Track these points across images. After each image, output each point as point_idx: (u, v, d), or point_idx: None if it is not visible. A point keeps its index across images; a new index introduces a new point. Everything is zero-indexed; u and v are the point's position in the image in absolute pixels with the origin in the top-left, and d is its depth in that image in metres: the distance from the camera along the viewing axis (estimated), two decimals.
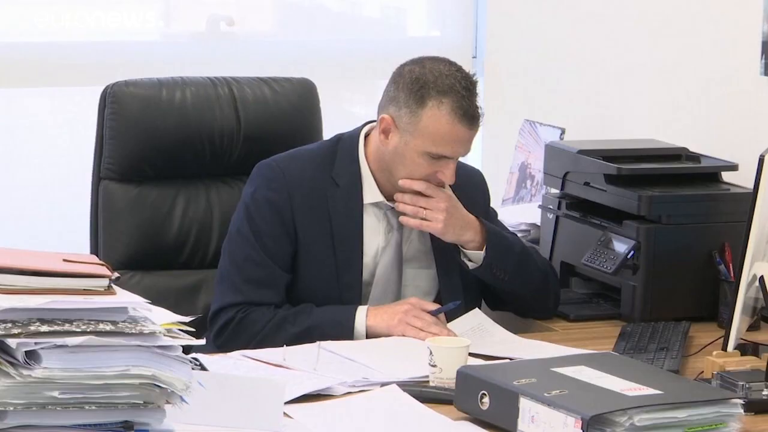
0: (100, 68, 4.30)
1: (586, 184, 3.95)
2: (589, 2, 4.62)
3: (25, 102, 4.78)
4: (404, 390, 3.06)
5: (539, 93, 4.80)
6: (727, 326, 3.45)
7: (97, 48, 4.77)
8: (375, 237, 3.62)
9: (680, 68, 4.29)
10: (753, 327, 3.58)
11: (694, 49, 4.24)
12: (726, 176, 3.93)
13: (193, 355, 2.64)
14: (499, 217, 3.85)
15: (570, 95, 4.68)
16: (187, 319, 2.54)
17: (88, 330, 2.43)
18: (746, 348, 3.44)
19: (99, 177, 3.92)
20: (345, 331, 3.45)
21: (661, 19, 4.35)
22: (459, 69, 3.55)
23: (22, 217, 4.67)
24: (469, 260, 3.62)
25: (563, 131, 4.47)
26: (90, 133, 3.94)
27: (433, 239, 3.61)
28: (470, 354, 3.16)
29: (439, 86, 3.48)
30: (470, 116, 3.49)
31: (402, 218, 3.57)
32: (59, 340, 2.41)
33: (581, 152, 3.99)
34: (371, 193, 3.60)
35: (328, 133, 3.93)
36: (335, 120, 4.04)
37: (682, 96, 4.28)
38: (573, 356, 3.15)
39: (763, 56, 3.96)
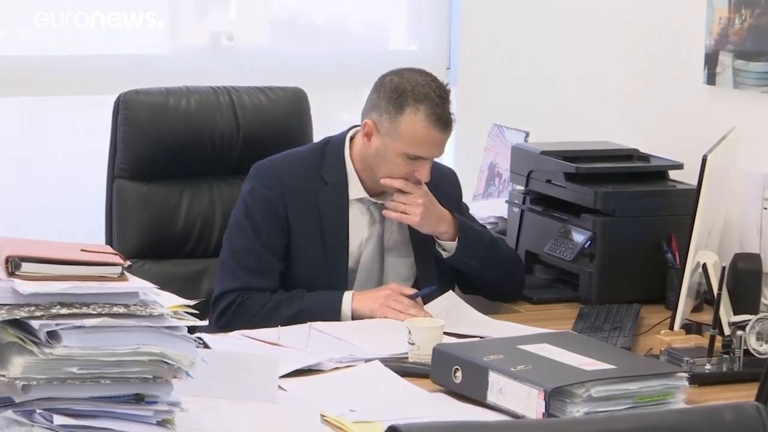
0: (114, 78, 4.29)
1: (548, 181, 3.96)
2: (550, 21, 4.63)
3: (47, 108, 4.77)
4: (386, 365, 3.08)
5: (506, 100, 4.81)
6: (673, 308, 3.47)
7: (111, 60, 4.77)
8: (359, 229, 3.62)
9: (632, 77, 4.29)
10: (696, 309, 3.59)
11: (644, 60, 4.24)
12: (673, 174, 3.95)
13: (198, 334, 2.65)
14: (470, 211, 3.86)
15: (533, 102, 4.68)
16: (192, 302, 2.54)
17: (103, 312, 2.43)
18: (690, 327, 3.46)
19: (113, 176, 3.93)
20: (333, 314, 3.46)
21: (614, 35, 4.36)
22: (434, 79, 3.56)
23: (44, 212, 4.67)
24: (444, 250, 3.63)
25: (527, 134, 4.48)
26: (105, 136, 3.94)
27: (412, 231, 3.62)
28: (445, 333, 3.16)
29: (415, 94, 3.49)
30: (443, 121, 3.50)
31: (384, 212, 3.59)
32: (77, 322, 2.41)
33: (543, 153, 4.01)
34: (356, 189, 3.61)
35: (317, 136, 3.94)
36: (324, 125, 4.04)
37: (634, 102, 4.29)
38: (536, 335, 3.16)
39: (706, 67, 3.97)
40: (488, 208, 4.35)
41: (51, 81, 4.71)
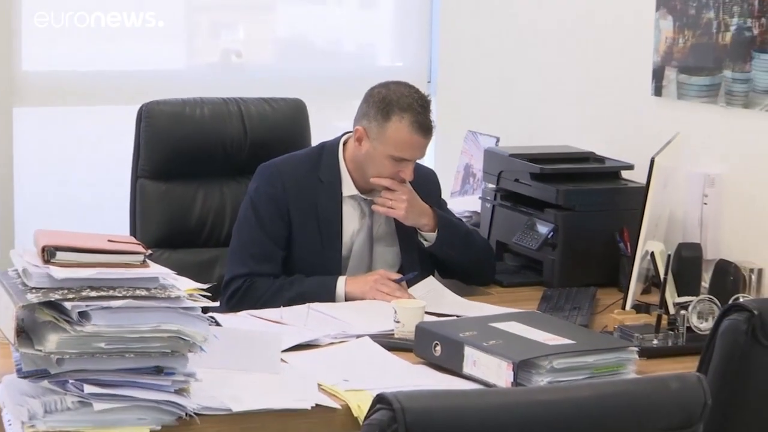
0: (137, 91, 4.29)
1: (516, 180, 3.95)
2: (519, 41, 4.62)
3: (79, 117, 4.76)
4: (374, 341, 3.07)
5: (480, 109, 4.80)
6: (625, 290, 3.47)
7: (135, 75, 4.76)
8: (351, 222, 3.61)
9: (589, 90, 4.29)
10: (645, 291, 3.58)
11: (600, 75, 4.24)
12: (624, 174, 3.94)
13: (210, 314, 2.63)
14: (448, 206, 3.85)
15: (503, 111, 4.68)
16: (205, 286, 2.54)
17: (128, 295, 2.43)
18: (640, 307, 3.45)
19: (136, 176, 3.92)
20: (328, 296, 3.44)
21: (574, 53, 4.36)
22: (416, 91, 3.55)
23: (77, 207, 4.67)
24: (425, 240, 3.62)
25: (498, 139, 4.47)
26: (129, 141, 3.93)
27: (397, 223, 3.61)
28: (426, 313, 3.15)
29: (400, 104, 3.48)
30: (425, 128, 3.50)
31: (373, 207, 3.58)
32: (105, 303, 2.41)
33: (512, 155, 4.00)
34: (348, 187, 3.59)
35: (315, 140, 3.93)
36: (320, 131, 4.03)
37: (590, 111, 4.28)
38: (506, 314, 3.15)
39: (654, 81, 3.96)
40: (464, 203, 4.34)
41: (83, 93, 4.71)
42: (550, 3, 4.46)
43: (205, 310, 2.51)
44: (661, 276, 3.32)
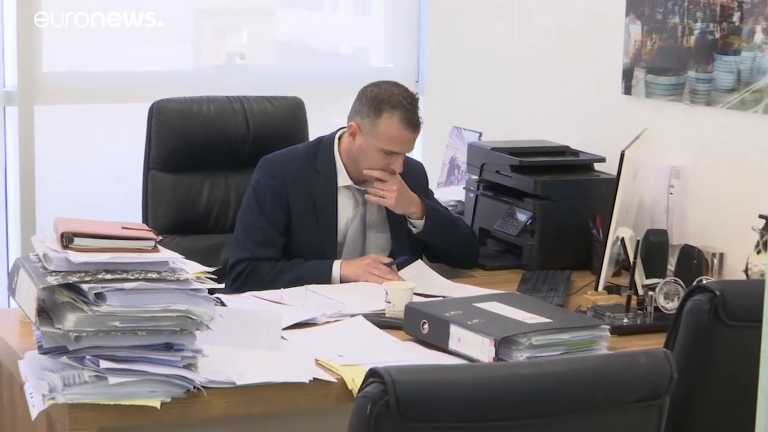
0: (149, 90, 4.27)
1: (497, 172, 3.95)
2: (500, 44, 4.61)
3: (95, 113, 4.74)
4: (367, 319, 3.07)
5: (464, 107, 4.80)
6: (597, 273, 3.48)
7: (146, 75, 4.75)
8: (346, 210, 3.61)
9: (565, 89, 4.28)
10: (616, 274, 3.58)
11: (575, 75, 4.23)
12: (597, 166, 3.94)
13: (216, 295, 2.63)
14: (435, 196, 3.85)
15: (486, 108, 4.67)
16: (211, 269, 2.54)
17: (140, 277, 2.43)
18: (611, 289, 3.45)
19: (148, 168, 3.91)
20: (325, 279, 3.44)
21: (552, 56, 4.35)
22: (406, 90, 3.55)
23: (93, 197, 4.65)
24: (414, 227, 3.62)
25: (481, 134, 4.46)
26: (141, 136, 3.92)
27: (388, 211, 3.61)
28: (414, 293, 3.15)
29: (391, 102, 3.48)
30: (413, 124, 3.50)
31: (366, 196, 3.58)
32: (119, 285, 2.41)
33: (494, 149, 3.99)
34: (343, 178, 3.59)
35: (312, 135, 3.93)
36: (317, 126, 4.02)
37: (566, 108, 4.28)
38: (488, 295, 3.14)
39: (623, 80, 3.96)
40: (449, 193, 4.34)
41: (101, 91, 4.69)
42: (529, 10, 4.45)
43: (211, 291, 2.51)
44: (631, 260, 3.33)
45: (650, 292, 3.17)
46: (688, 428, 2.45)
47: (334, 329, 3.02)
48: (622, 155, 3.42)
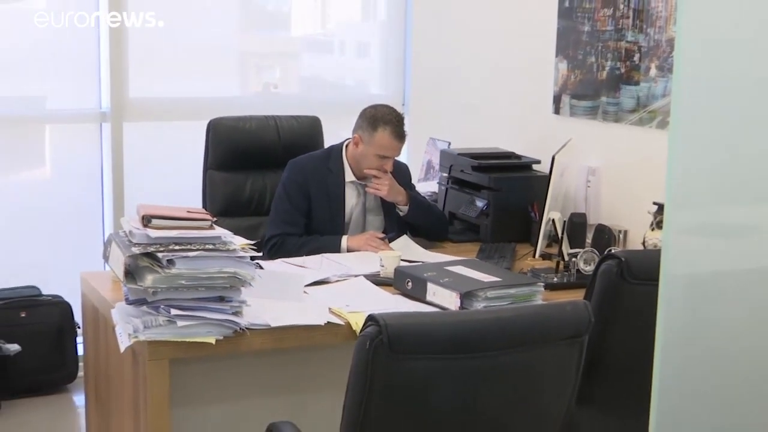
0: (208, 110, 4.24)
1: (461, 171, 3.93)
2: (466, 75, 4.60)
3: (168, 128, 4.72)
4: (367, 279, 3.05)
5: (437, 123, 4.77)
6: (534, 245, 3.47)
7: (206, 100, 4.72)
8: (351, 199, 3.58)
9: (512, 109, 4.27)
10: (548, 245, 3.57)
11: (519, 99, 4.22)
12: (535, 167, 3.91)
13: (256, 261, 2.61)
14: (416, 188, 3.83)
15: (454, 124, 4.65)
16: (252, 242, 2.53)
17: (200, 248, 2.42)
18: (545, 256, 3.46)
19: (207, 168, 3.88)
20: (335, 249, 3.41)
21: (502, 84, 4.34)
22: (395, 110, 3.53)
23: (166, 189, 4.63)
24: (401, 211, 3.60)
25: (449, 143, 4.44)
26: (201, 145, 3.90)
27: (382, 200, 3.58)
28: (401, 260, 3.14)
29: (384, 119, 3.46)
30: (401, 136, 3.48)
31: (366, 188, 3.56)
32: (184, 254, 2.40)
33: (459, 154, 3.97)
34: (349, 175, 3.56)
35: (326, 144, 3.90)
36: (330, 138, 4.00)
37: (513, 124, 4.26)
38: (455, 261, 3.14)
39: (554, 103, 3.94)
40: (427, 186, 4.32)
41: (171, 112, 4.67)
42: (487, 52, 4.43)
43: (252, 258, 2.50)
44: (559, 235, 3.33)
45: (573, 259, 3.16)
46: (601, 358, 2.44)
47: (343, 286, 3.00)
48: (553, 159, 3.41)
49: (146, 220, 2.44)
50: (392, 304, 2.81)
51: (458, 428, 2.00)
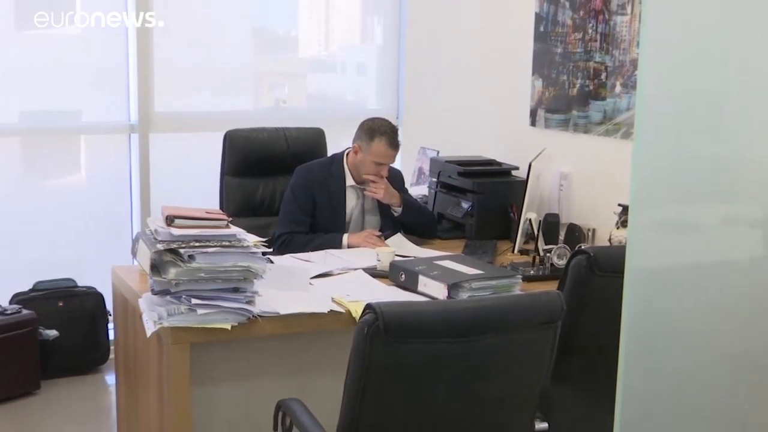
0: (224, 123, 4.23)
1: (449, 176, 3.92)
2: (452, 92, 4.60)
3: (188, 138, 4.71)
4: (365, 272, 3.05)
5: (428, 134, 4.77)
6: (514, 242, 3.47)
7: (223, 113, 4.72)
8: (351, 201, 3.58)
9: (493, 121, 4.26)
10: (526, 242, 3.56)
11: (500, 112, 4.21)
12: (514, 173, 3.91)
13: (267, 256, 2.61)
14: (409, 192, 3.81)
15: (442, 135, 4.65)
16: (264, 239, 2.53)
17: (217, 245, 2.42)
18: (523, 251, 3.45)
19: (223, 174, 3.87)
20: (337, 246, 3.41)
21: (485, 99, 4.33)
22: (390, 122, 3.53)
23: (187, 192, 4.62)
24: (395, 212, 3.59)
25: (438, 152, 4.44)
26: (218, 153, 3.89)
27: (378, 202, 3.58)
28: (396, 255, 3.13)
29: (380, 131, 3.46)
30: (395, 145, 3.48)
31: (365, 191, 3.55)
32: (204, 249, 2.39)
33: (447, 161, 3.97)
34: (349, 180, 3.56)
35: (329, 153, 3.89)
36: (333, 147, 4.00)
37: (494, 134, 4.26)
38: (443, 256, 3.13)
39: (530, 116, 3.94)
40: (418, 190, 4.31)
41: (191, 123, 4.66)
42: (471, 70, 4.43)
43: (264, 253, 2.49)
44: (535, 233, 3.32)
45: (548, 254, 3.16)
46: (572, 342, 2.44)
47: (344, 278, 3.00)
48: (530, 165, 3.41)
49: (170, 220, 2.44)
50: (388, 294, 2.80)
51: (445, 403, 2.00)
